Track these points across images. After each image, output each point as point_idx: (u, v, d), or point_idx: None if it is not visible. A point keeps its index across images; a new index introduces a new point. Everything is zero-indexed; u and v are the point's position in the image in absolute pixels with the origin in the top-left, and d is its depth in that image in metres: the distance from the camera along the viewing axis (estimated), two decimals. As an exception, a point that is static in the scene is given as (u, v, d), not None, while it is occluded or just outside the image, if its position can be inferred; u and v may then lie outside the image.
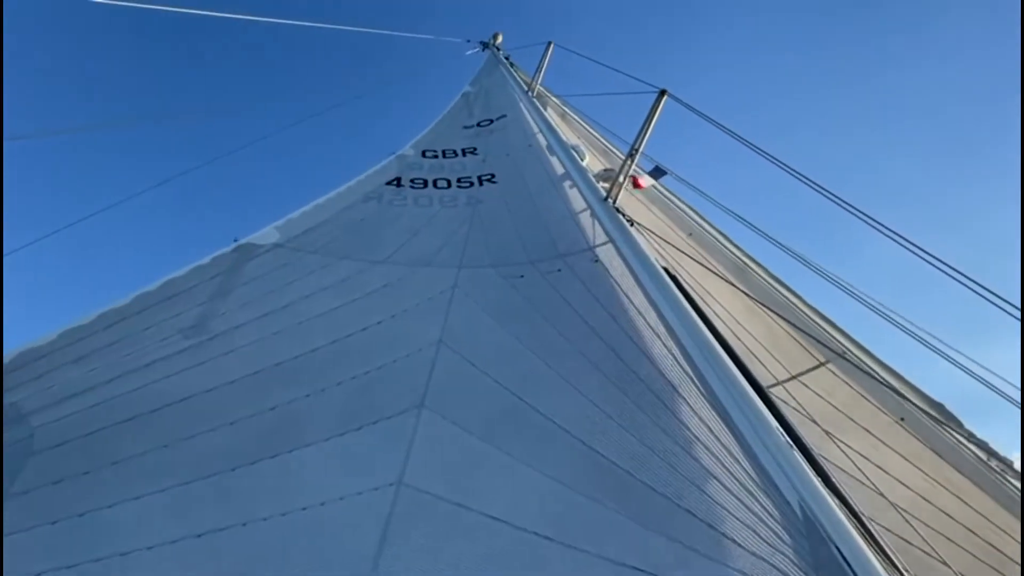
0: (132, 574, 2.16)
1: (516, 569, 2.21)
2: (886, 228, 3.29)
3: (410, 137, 6.26)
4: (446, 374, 3.19)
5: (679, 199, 5.60)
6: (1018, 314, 2.77)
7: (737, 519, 2.33)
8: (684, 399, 3.05)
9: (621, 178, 4.59)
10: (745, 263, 4.99)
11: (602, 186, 4.83)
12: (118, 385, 3.17)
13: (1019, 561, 3.43)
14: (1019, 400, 2.96)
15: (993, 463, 3.73)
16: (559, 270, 4.10)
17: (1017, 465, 3.72)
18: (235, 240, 3.99)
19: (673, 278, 4.00)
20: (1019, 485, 3.61)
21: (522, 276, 4.05)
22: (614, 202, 4.50)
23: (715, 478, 2.55)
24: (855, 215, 3.44)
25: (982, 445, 3.72)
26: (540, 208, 4.96)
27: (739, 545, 2.24)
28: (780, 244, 3.93)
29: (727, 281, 4.35)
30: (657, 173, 4.79)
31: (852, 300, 3.70)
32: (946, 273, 3.00)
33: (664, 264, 4.27)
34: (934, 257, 3.06)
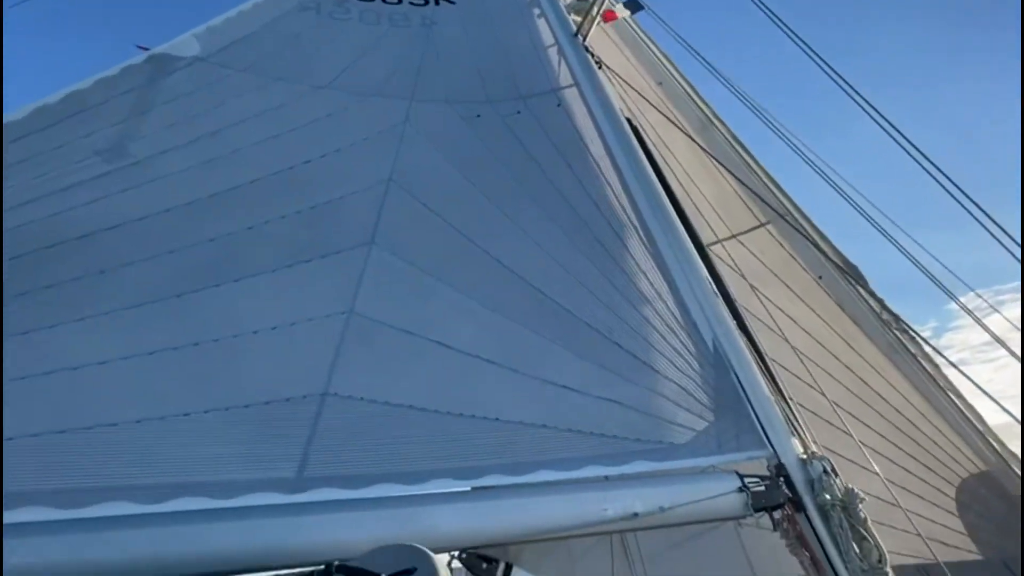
0: (84, 387, 2.23)
1: (460, 386, 2.45)
2: (875, 110, 3.23)
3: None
4: (396, 213, 3.14)
5: (652, 43, 5.19)
6: (1018, 252, 2.92)
7: (659, 352, 2.62)
8: (628, 249, 3.19)
9: (595, 11, 4.14)
10: (710, 120, 4.87)
11: (573, 19, 4.37)
12: (34, 210, 2.94)
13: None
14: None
15: (884, 315, 4.26)
16: (518, 112, 3.88)
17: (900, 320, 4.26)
18: (141, 48, 3.44)
19: (635, 129, 3.88)
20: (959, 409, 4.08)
21: (479, 116, 3.81)
22: (584, 39, 4.12)
23: (645, 318, 2.80)
24: (839, 85, 3.33)
25: (880, 301, 4.19)
26: (502, 38, 4.49)
27: (656, 371, 2.55)
28: (748, 101, 3.82)
29: (688, 136, 4.28)
30: (633, 6, 4.34)
31: (811, 172, 3.77)
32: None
33: (627, 114, 4.11)
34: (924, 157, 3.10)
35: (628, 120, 3.92)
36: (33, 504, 1.71)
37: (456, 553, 1.93)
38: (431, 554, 0.57)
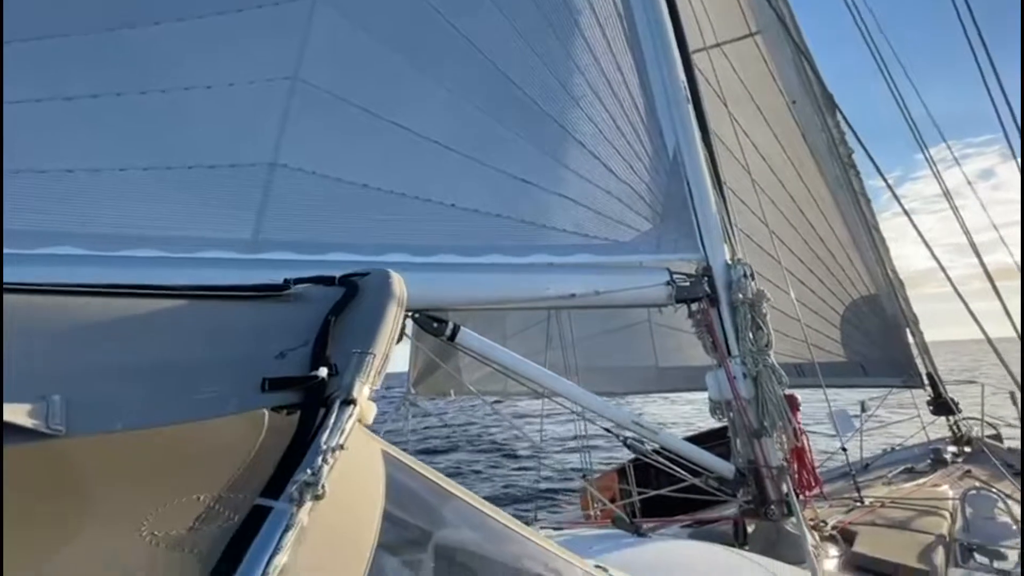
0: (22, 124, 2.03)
1: (417, 170, 2.42)
2: None
3: None
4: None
5: None
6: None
7: (620, 154, 2.63)
8: (608, 41, 2.93)
9: None
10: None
11: None
12: None
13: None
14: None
15: (841, 148, 4.36)
16: None
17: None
18: None
19: None
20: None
21: None
22: None
23: (612, 117, 2.72)
24: None
25: (842, 133, 4.23)
26: None
27: (613, 173, 2.59)
28: None
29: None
30: None
31: None
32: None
33: None
34: None
35: None
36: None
37: (412, 314, 2.14)
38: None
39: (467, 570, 1.02)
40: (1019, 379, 2.46)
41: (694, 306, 2.65)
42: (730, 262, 2.66)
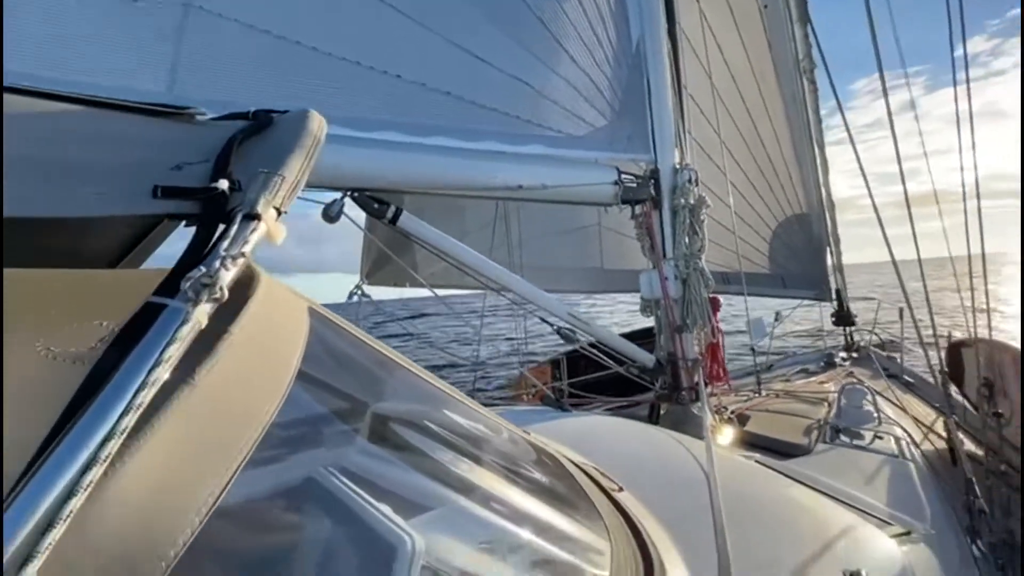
0: None
1: (363, 34, 2.17)
2: None
3: None
4: None
5: None
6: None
7: (582, 41, 2.47)
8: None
9: None
10: None
11: None
12: None
13: None
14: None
15: (804, 62, 4.30)
16: None
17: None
18: None
19: None
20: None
21: None
22: None
23: (579, 3, 2.52)
24: None
25: (808, 46, 4.16)
26: None
27: (574, 61, 2.46)
28: None
29: None
30: None
31: None
32: None
33: None
34: None
35: None
36: None
37: (350, 192, 2.05)
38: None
39: (397, 427, 1.09)
40: (915, 298, 2.72)
41: (638, 208, 2.69)
42: (678, 166, 2.68)
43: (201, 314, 0.37)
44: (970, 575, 1.47)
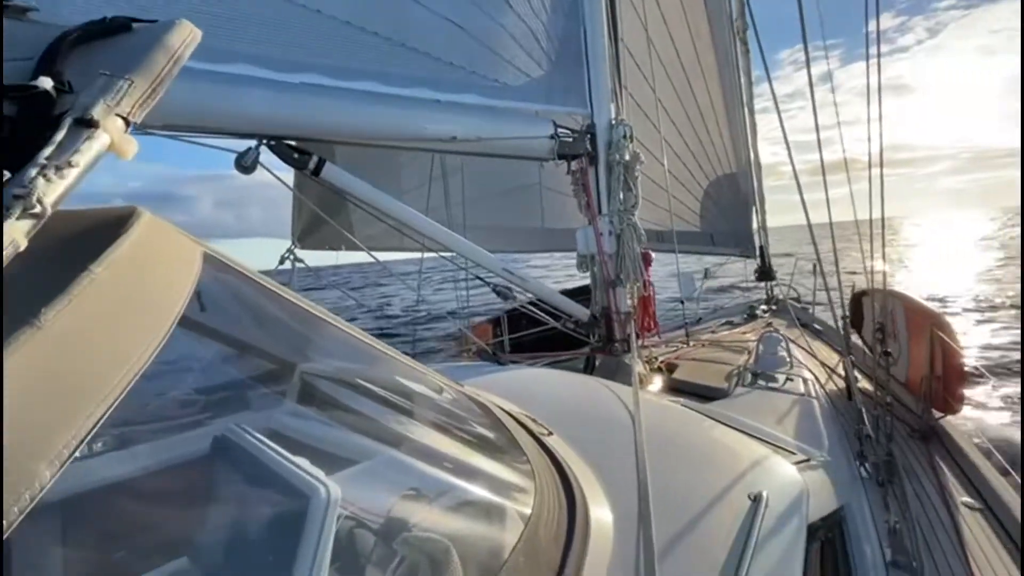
0: None
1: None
2: None
3: None
4: None
5: None
6: None
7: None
8: None
9: None
10: None
11: None
12: None
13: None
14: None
15: (738, 22, 4.37)
16: None
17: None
18: None
19: None
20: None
21: None
22: None
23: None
24: None
25: (742, 4, 4.21)
26: None
27: (509, 4, 2.35)
28: None
29: None
30: None
31: None
32: None
33: None
34: None
35: None
36: None
37: (266, 141, 1.89)
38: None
39: (317, 381, 1.05)
40: (831, 258, 2.92)
41: (574, 164, 2.68)
42: (614, 122, 2.68)
43: (17, 232, 0.31)
44: (857, 491, 1.66)
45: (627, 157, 2.66)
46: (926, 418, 2.32)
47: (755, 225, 5.54)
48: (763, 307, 5.12)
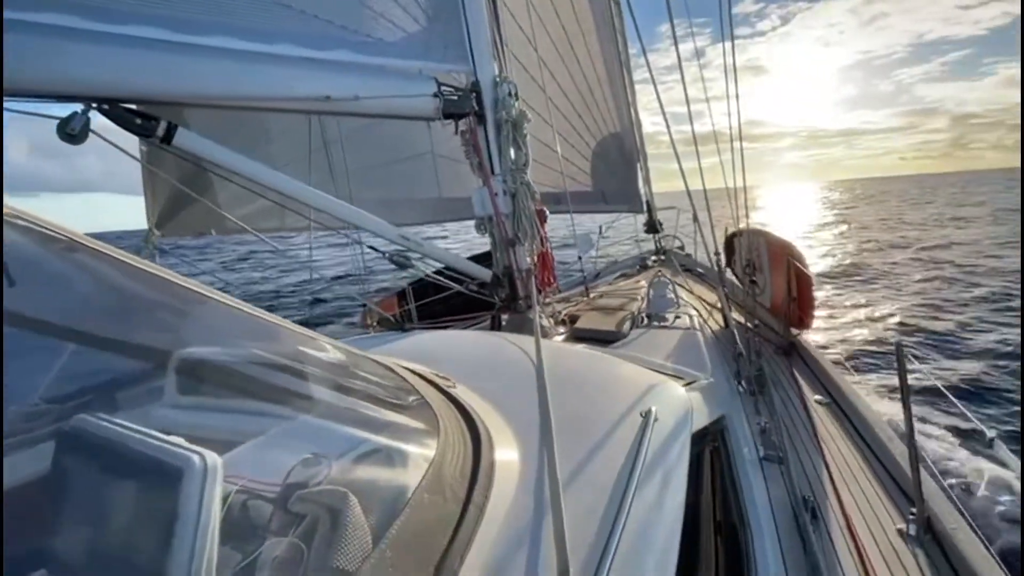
0: None
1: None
2: None
3: None
4: None
5: None
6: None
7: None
8: None
9: None
10: None
11: None
12: None
13: None
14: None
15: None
16: None
17: None
18: None
19: None
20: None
21: None
22: None
23: None
24: None
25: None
26: None
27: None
28: None
29: None
30: None
31: None
32: None
33: None
34: None
35: None
36: None
37: (96, 104, 1.61)
38: None
39: (193, 357, 0.95)
40: (703, 210, 3.18)
41: (462, 124, 2.64)
42: (498, 79, 2.66)
43: None
44: (735, 402, 1.88)
45: (514, 114, 2.66)
46: (786, 335, 2.68)
47: (640, 181, 5.89)
48: (653, 258, 5.50)
